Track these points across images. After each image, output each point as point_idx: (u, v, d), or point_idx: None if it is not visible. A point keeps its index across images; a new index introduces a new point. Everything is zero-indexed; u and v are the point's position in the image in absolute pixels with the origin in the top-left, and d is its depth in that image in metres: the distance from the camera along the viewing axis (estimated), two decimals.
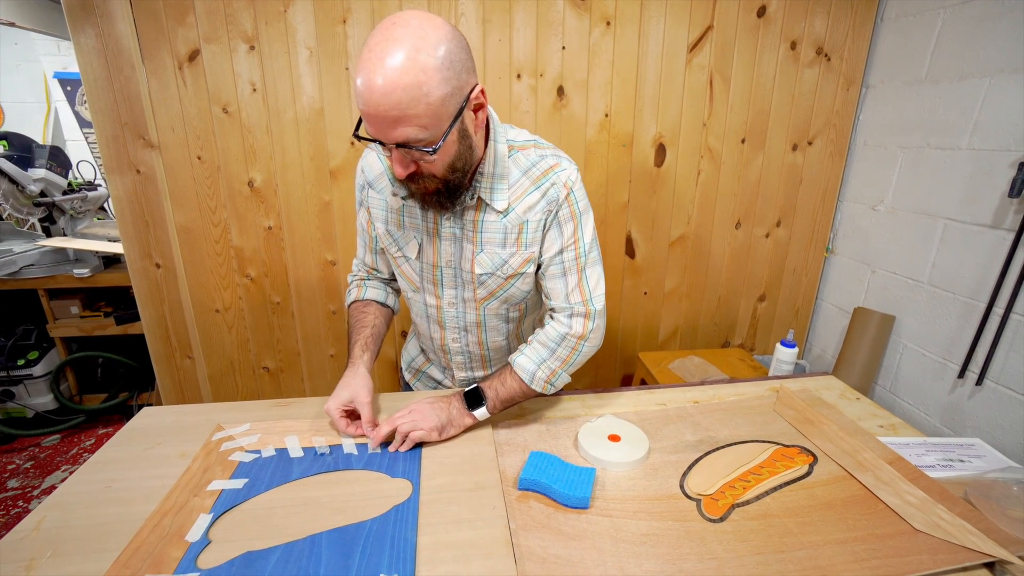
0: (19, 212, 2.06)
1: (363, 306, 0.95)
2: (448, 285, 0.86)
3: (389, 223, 0.85)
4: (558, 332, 0.83)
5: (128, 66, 1.32)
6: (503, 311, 0.89)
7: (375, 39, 0.60)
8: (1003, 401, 1.25)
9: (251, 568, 0.58)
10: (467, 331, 0.91)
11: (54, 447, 2.07)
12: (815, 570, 0.59)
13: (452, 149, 0.68)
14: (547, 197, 0.79)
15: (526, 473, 0.71)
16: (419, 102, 0.60)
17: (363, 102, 0.61)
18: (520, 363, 0.83)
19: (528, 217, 0.79)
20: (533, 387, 0.83)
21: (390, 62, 0.58)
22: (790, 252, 1.79)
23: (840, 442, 0.81)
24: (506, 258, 0.81)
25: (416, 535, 0.62)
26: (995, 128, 1.25)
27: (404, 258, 0.87)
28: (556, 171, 0.79)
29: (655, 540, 0.63)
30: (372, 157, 0.85)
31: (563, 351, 0.83)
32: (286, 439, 0.81)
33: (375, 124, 0.62)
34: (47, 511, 0.66)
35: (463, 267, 0.83)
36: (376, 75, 0.58)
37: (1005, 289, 1.23)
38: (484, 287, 0.84)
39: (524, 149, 0.80)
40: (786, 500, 0.70)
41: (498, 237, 0.80)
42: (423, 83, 0.59)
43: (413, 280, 0.89)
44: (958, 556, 0.60)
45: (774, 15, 1.52)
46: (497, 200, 0.78)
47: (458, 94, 0.63)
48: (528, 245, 0.81)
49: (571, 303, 0.82)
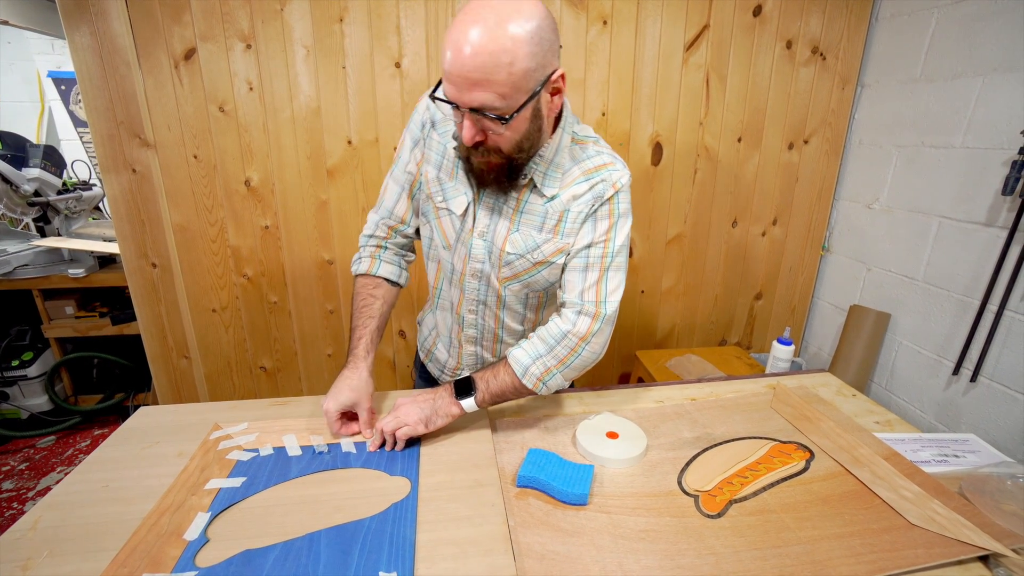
0: (13, 212, 2.04)
1: (374, 285, 0.90)
2: (476, 258, 0.83)
3: (442, 170, 0.81)
4: (560, 329, 0.79)
5: (123, 65, 1.32)
6: (523, 295, 0.86)
7: (472, 4, 0.62)
8: (997, 397, 1.26)
9: (250, 566, 0.58)
10: (485, 304, 0.88)
11: (49, 448, 2.05)
12: (812, 565, 0.59)
13: (523, 126, 0.68)
14: (594, 191, 0.78)
15: (525, 470, 0.71)
16: (502, 69, 0.61)
17: (448, 61, 0.62)
18: (516, 355, 0.80)
19: (571, 207, 0.78)
20: (524, 382, 0.79)
21: (482, 25, 0.60)
22: (786, 250, 1.79)
23: (836, 438, 0.81)
24: (540, 243, 0.79)
25: (415, 533, 0.62)
26: (989, 127, 1.26)
27: (447, 211, 0.82)
28: (609, 169, 0.78)
29: (653, 536, 0.64)
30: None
31: (562, 350, 0.79)
32: (284, 438, 0.80)
33: (456, 84, 0.63)
34: (44, 511, 0.65)
35: (495, 241, 0.81)
36: (466, 35, 0.60)
37: (999, 286, 1.24)
38: (510, 267, 0.82)
39: (584, 144, 0.80)
40: (783, 496, 0.71)
41: (537, 220, 0.79)
42: (509, 51, 0.60)
43: (449, 236, 0.84)
44: (953, 550, 0.61)
45: (770, 14, 1.53)
46: (548, 186, 0.77)
47: (540, 71, 0.64)
48: (564, 235, 0.79)
49: (584, 300, 0.79)
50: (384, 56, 1.40)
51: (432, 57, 1.42)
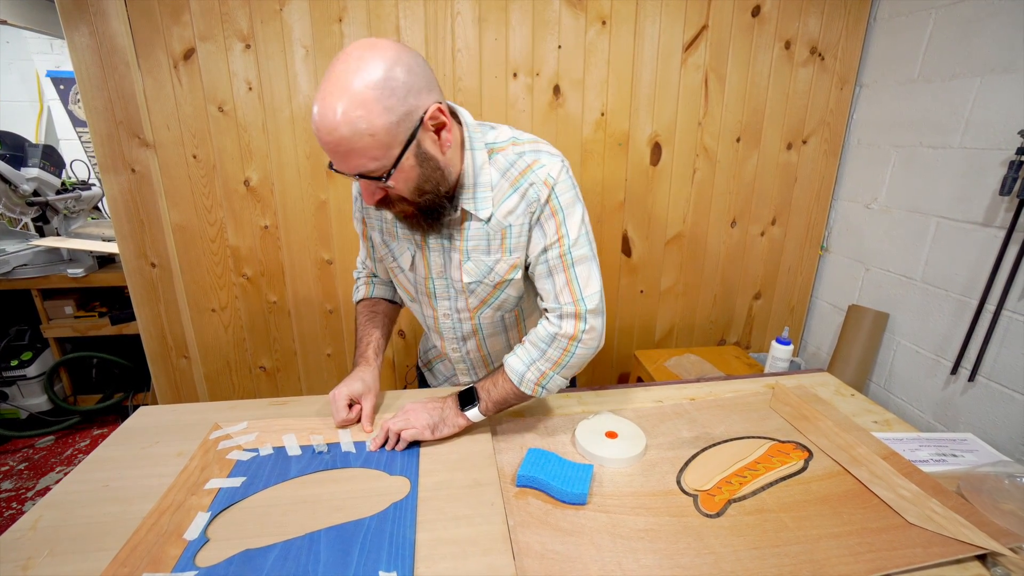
0: (12, 212, 2.04)
1: (373, 304, 0.97)
2: (441, 296, 0.86)
3: (385, 233, 0.86)
4: (548, 332, 0.79)
5: (123, 64, 1.31)
6: (498, 318, 0.88)
7: (325, 77, 0.62)
8: (995, 397, 1.26)
9: (249, 566, 0.58)
10: (465, 340, 0.91)
11: (48, 448, 2.05)
12: (811, 564, 0.60)
13: (413, 173, 0.67)
14: (527, 198, 0.75)
15: (524, 470, 0.71)
16: (362, 135, 0.61)
17: (318, 137, 0.63)
18: (510, 363, 0.80)
19: (510, 222, 0.77)
20: (522, 389, 0.78)
21: (333, 99, 0.60)
22: (785, 250, 1.80)
23: (835, 438, 0.82)
24: (492, 265, 0.80)
25: (415, 532, 0.63)
26: (986, 127, 1.26)
27: (399, 268, 0.87)
28: (534, 169, 0.75)
29: (653, 535, 0.64)
30: None
31: (554, 352, 0.78)
32: (284, 437, 0.81)
33: (332, 157, 0.65)
34: (44, 510, 0.66)
35: (452, 276, 0.82)
36: (322, 115, 0.61)
37: (997, 286, 1.24)
38: (475, 296, 0.83)
39: (503, 150, 0.77)
40: (782, 495, 0.71)
41: (482, 244, 0.79)
42: (361, 117, 0.60)
43: (409, 290, 0.90)
44: (951, 549, 0.61)
45: (768, 15, 1.53)
46: (481, 209, 0.76)
47: (407, 120, 0.63)
48: (512, 250, 0.79)
49: (561, 303, 0.78)
50: None
51: (432, 57, 1.42)
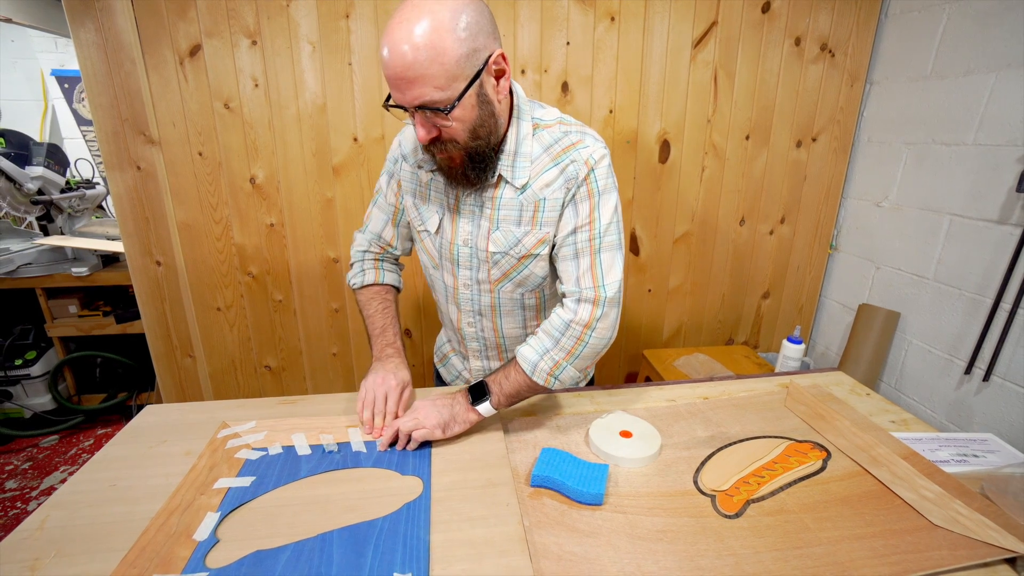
0: (16, 210, 2.03)
1: (384, 292, 0.94)
2: (464, 265, 0.84)
3: (416, 195, 0.86)
4: (562, 320, 0.78)
5: (128, 61, 1.31)
6: (518, 296, 0.86)
7: (398, 7, 0.63)
8: (1010, 397, 1.25)
9: (261, 567, 0.57)
10: (482, 315, 0.89)
11: (52, 448, 2.04)
12: (834, 566, 0.58)
13: (472, 113, 0.68)
14: (566, 174, 0.76)
15: (539, 470, 0.70)
16: (433, 62, 0.61)
17: (385, 65, 0.63)
18: (523, 352, 0.79)
19: (545, 195, 0.77)
20: (535, 379, 0.77)
21: (407, 25, 0.61)
22: (794, 249, 1.78)
23: (853, 437, 0.80)
24: (520, 237, 0.79)
25: (429, 533, 0.61)
26: (1001, 123, 1.25)
27: (426, 232, 0.86)
28: (578, 148, 0.76)
29: (671, 536, 0.62)
30: (410, 131, 0.86)
31: (567, 341, 0.77)
32: (293, 436, 0.79)
33: (395, 87, 0.64)
34: (50, 510, 0.64)
35: (479, 245, 0.81)
36: (394, 37, 0.61)
37: (1012, 284, 1.22)
38: (498, 267, 0.82)
39: (550, 127, 0.78)
40: (801, 496, 0.70)
41: (514, 214, 0.78)
42: (436, 43, 0.61)
43: (433, 256, 0.88)
44: (979, 552, 0.60)
45: (778, 11, 1.52)
46: (518, 177, 0.76)
47: (475, 56, 0.64)
48: (543, 225, 0.78)
49: (581, 287, 0.77)
50: None
51: None
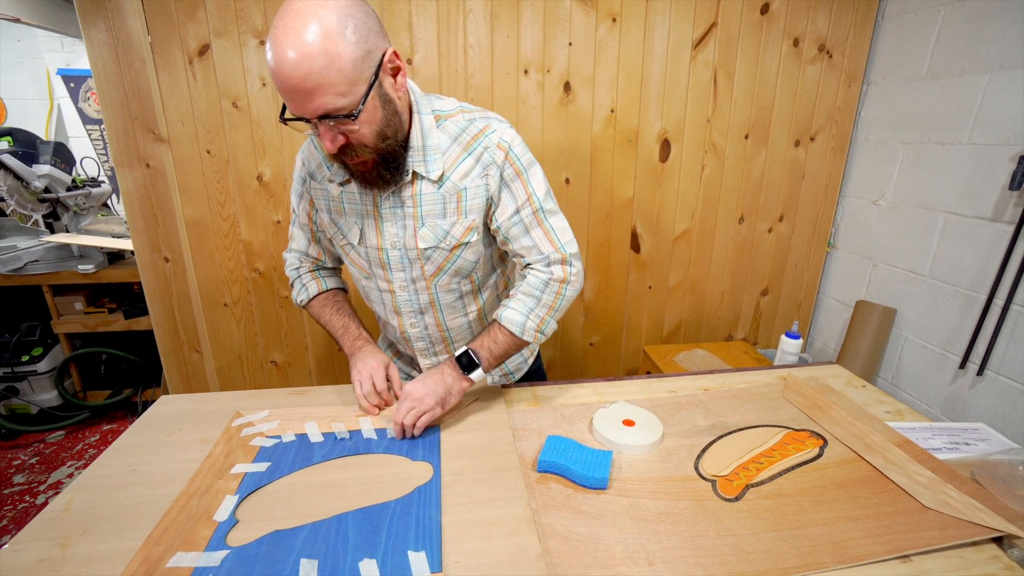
0: (24, 208, 2.05)
1: (334, 295, 0.95)
2: (396, 267, 0.84)
3: (332, 211, 0.85)
4: (540, 279, 0.82)
5: (138, 60, 1.33)
6: (455, 285, 0.87)
7: (280, 17, 0.60)
8: (1004, 391, 1.27)
9: (280, 545, 0.59)
10: (423, 313, 0.90)
11: (59, 443, 2.06)
12: (830, 545, 0.61)
13: (376, 115, 0.67)
14: (482, 161, 0.78)
15: (545, 455, 0.73)
16: (331, 68, 0.60)
17: (277, 79, 0.61)
18: (508, 316, 0.82)
19: (465, 184, 0.79)
20: (524, 338, 0.82)
21: (296, 34, 0.59)
22: (792, 247, 1.81)
23: (849, 426, 0.83)
24: (448, 228, 0.80)
25: (440, 514, 0.64)
26: (995, 123, 1.27)
27: (349, 245, 0.86)
28: (487, 134, 0.78)
29: (673, 518, 0.65)
30: (310, 147, 0.85)
31: (548, 297, 0.83)
32: (305, 424, 0.82)
33: (293, 100, 0.62)
34: (75, 493, 0.67)
35: (408, 244, 0.82)
36: (284, 49, 0.59)
37: (1006, 281, 1.25)
38: (431, 262, 0.83)
39: (452, 116, 0.79)
40: (799, 481, 0.72)
41: (437, 208, 0.79)
42: (330, 49, 0.59)
43: (362, 266, 0.88)
44: (968, 531, 0.62)
45: (777, 12, 1.54)
46: (432, 170, 0.77)
47: (370, 58, 0.63)
48: (468, 213, 0.80)
49: (544, 253, 0.82)
50: None
51: (444, 53, 1.43)
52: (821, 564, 0.58)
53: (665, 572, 0.57)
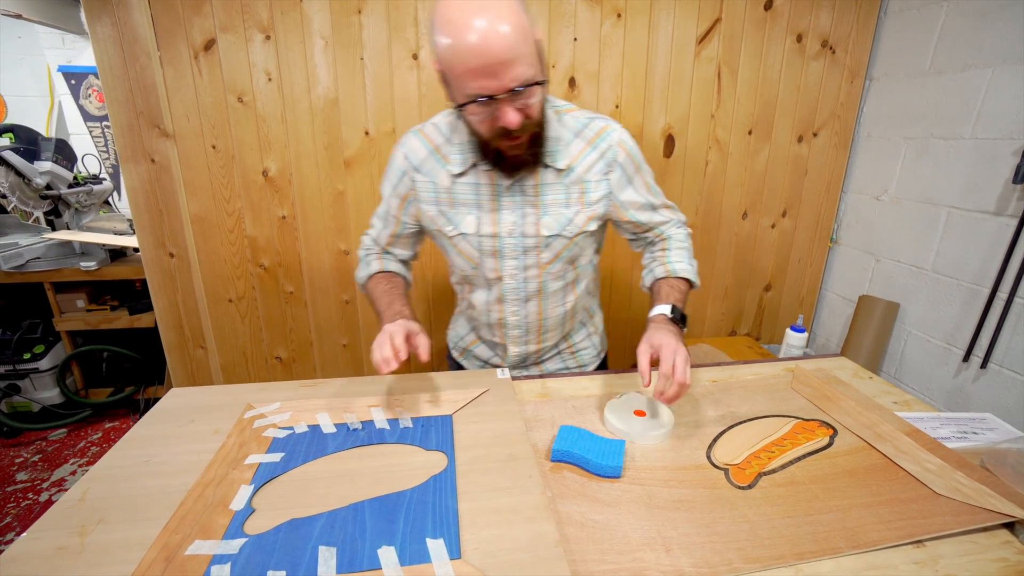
0: (25, 205, 2.05)
1: (390, 277, 0.95)
2: (509, 256, 0.87)
3: (441, 203, 0.87)
4: (683, 234, 0.95)
5: (144, 55, 1.33)
6: (563, 274, 0.92)
7: (461, 7, 0.63)
8: (1007, 383, 1.28)
9: (297, 533, 0.59)
10: (528, 301, 0.93)
11: (61, 441, 2.06)
12: (844, 531, 0.61)
13: (542, 92, 0.72)
14: (605, 158, 0.84)
15: (558, 445, 0.73)
16: (525, 39, 0.65)
17: (475, 55, 0.63)
18: (679, 268, 0.91)
19: (588, 176, 0.85)
20: (696, 281, 0.92)
21: (493, 12, 0.62)
22: (795, 242, 1.82)
23: (858, 416, 0.83)
24: (571, 216, 0.85)
25: (456, 502, 0.64)
26: (998, 117, 1.28)
27: (461, 235, 0.87)
28: (607, 132, 0.85)
29: (688, 505, 0.65)
30: (414, 142, 0.86)
31: (690, 247, 0.96)
32: (318, 416, 0.82)
33: (488, 73, 0.64)
34: (90, 483, 0.67)
35: (527, 233, 0.85)
36: (481, 24, 0.62)
37: (1009, 274, 1.26)
38: (550, 249, 0.87)
39: (571, 112, 0.85)
40: (810, 469, 0.73)
41: (561, 198, 0.84)
42: (520, 22, 0.64)
43: (471, 256, 0.89)
44: (979, 517, 0.63)
45: (781, 8, 1.55)
46: (558, 160, 0.82)
47: (535, 33, 0.69)
48: (591, 204, 0.86)
49: (671, 218, 0.95)
50: (402, 47, 1.42)
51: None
52: (836, 549, 0.58)
53: (682, 557, 0.57)
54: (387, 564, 0.55)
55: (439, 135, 0.85)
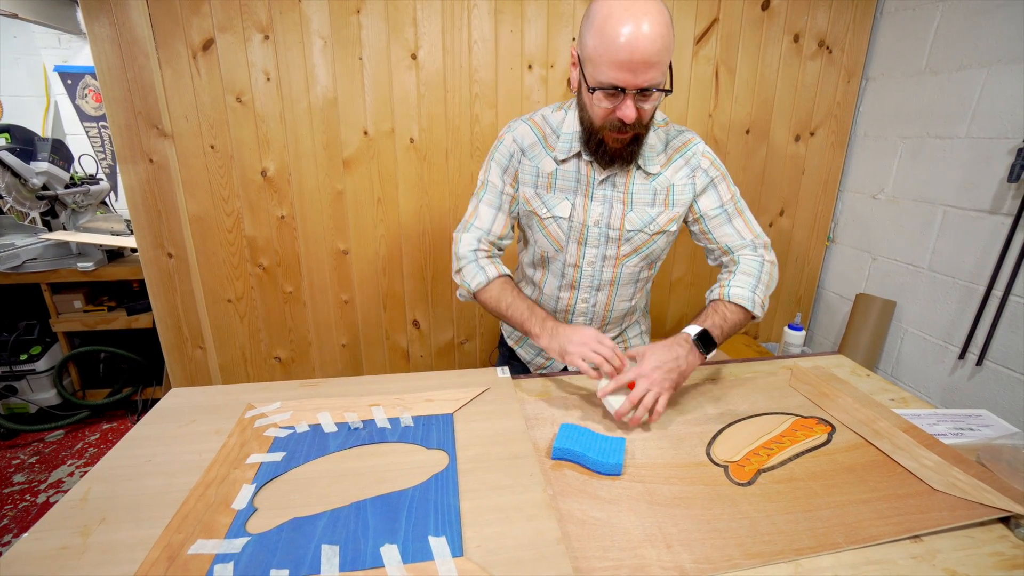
0: (22, 206, 2.04)
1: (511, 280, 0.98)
2: (592, 244, 0.94)
3: (539, 187, 0.94)
4: (756, 262, 0.94)
5: (142, 55, 1.32)
6: (637, 269, 0.98)
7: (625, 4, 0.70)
8: (1003, 380, 1.29)
9: (300, 532, 0.59)
10: (599, 290, 0.99)
11: (58, 442, 2.05)
12: (843, 527, 0.62)
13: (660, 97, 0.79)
14: (690, 165, 0.93)
15: (559, 443, 0.73)
16: (666, 51, 0.72)
17: (624, 49, 0.70)
18: (737, 294, 0.91)
19: (675, 181, 0.92)
20: (755, 312, 0.92)
21: (654, 16, 0.70)
22: (793, 241, 1.82)
23: (856, 413, 0.84)
24: (655, 216, 0.92)
25: (458, 500, 0.64)
26: (993, 116, 1.29)
27: (554, 219, 0.94)
28: (692, 144, 0.93)
29: (688, 502, 0.66)
30: (524, 128, 0.94)
31: (765, 277, 0.94)
32: (319, 415, 0.82)
33: (631, 70, 0.71)
34: (91, 483, 0.67)
35: (612, 225, 0.92)
36: (640, 27, 0.69)
37: (1004, 272, 1.27)
38: (629, 243, 0.94)
39: (664, 127, 0.94)
40: (809, 465, 0.73)
41: (647, 198, 0.92)
42: (668, 35, 0.72)
43: (559, 239, 0.95)
44: (976, 512, 0.63)
45: (778, 8, 1.56)
46: (650, 165, 0.90)
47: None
48: (675, 205, 0.93)
49: (750, 239, 0.95)
50: (400, 48, 1.42)
51: (448, 48, 1.44)
52: (835, 544, 0.59)
53: (683, 554, 0.58)
54: (390, 562, 0.55)
55: (547, 125, 0.93)
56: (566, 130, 0.90)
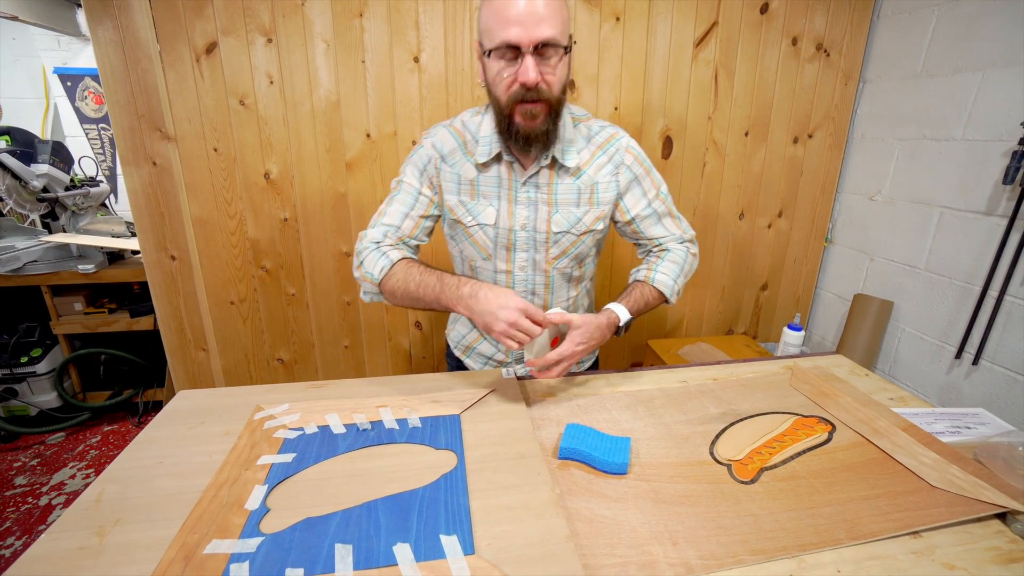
0: (22, 208, 2.04)
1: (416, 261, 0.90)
2: (521, 248, 0.93)
3: (462, 194, 0.92)
4: (682, 254, 0.98)
5: (145, 58, 1.33)
6: (568, 270, 0.98)
7: None
8: (999, 379, 1.31)
9: (313, 531, 0.60)
10: (534, 294, 0.98)
11: (59, 444, 2.05)
12: (844, 523, 0.63)
13: (564, 69, 0.79)
14: (613, 161, 0.92)
15: (565, 443, 0.74)
16: (560, 7, 0.74)
17: (515, 4, 0.72)
18: (661, 280, 0.95)
19: (598, 179, 0.91)
20: (671, 299, 0.97)
21: None
22: (791, 242, 1.84)
23: (855, 412, 0.86)
24: (580, 216, 0.91)
25: (468, 499, 0.65)
26: (988, 119, 1.31)
27: (479, 226, 0.92)
28: (616, 139, 0.92)
29: (693, 500, 0.67)
30: (443, 133, 0.92)
31: (687, 267, 0.99)
32: (327, 416, 0.83)
33: (523, 24, 0.72)
34: (104, 485, 0.67)
35: (538, 228, 0.91)
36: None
37: (999, 272, 1.29)
38: (557, 245, 0.93)
39: (585, 121, 0.92)
40: (810, 464, 0.75)
41: (572, 198, 0.91)
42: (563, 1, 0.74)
43: (486, 247, 0.94)
44: (973, 508, 0.65)
45: (776, 12, 1.58)
46: (568, 160, 0.88)
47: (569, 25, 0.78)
48: (600, 204, 0.92)
49: (678, 234, 0.99)
50: (403, 51, 1.43)
51: (450, 52, 1.45)
52: (837, 540, 0.60)
53: (689, 550, 0.59)
54: (403, 560, 0.56)
55: (466, 131, 0.91)
56: (484, 133, 0.88)
